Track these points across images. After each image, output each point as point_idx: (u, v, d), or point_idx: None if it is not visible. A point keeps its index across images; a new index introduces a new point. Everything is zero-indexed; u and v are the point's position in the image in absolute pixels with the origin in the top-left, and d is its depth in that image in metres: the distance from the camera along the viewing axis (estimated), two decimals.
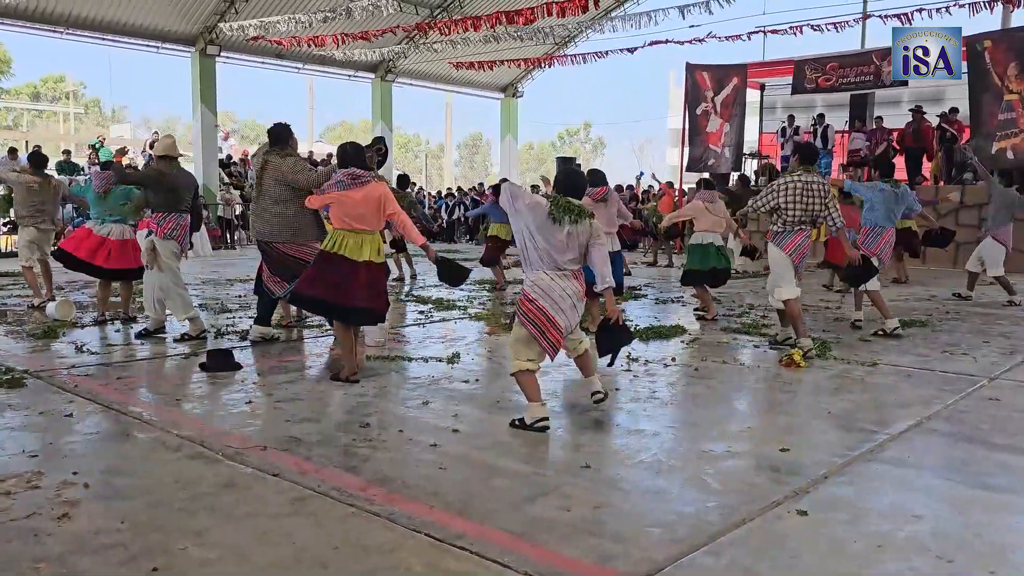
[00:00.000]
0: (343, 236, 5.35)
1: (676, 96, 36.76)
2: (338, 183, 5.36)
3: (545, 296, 4.32)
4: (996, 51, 14.35)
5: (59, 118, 49.10)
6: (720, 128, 18.61)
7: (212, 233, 18.83)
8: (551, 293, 4.32)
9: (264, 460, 3.77)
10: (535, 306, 4.33)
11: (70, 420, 4.43)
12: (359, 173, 5.38)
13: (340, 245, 5.34)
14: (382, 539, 2.94)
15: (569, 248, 4.34)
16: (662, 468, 3.77)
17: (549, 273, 4.34)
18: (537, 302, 4.32)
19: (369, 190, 5.36)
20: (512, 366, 4.45)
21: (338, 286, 5.30)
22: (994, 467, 3.84)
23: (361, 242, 5.35)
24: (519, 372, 4.41)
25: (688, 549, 2.88)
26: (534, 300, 4.34)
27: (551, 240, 4.30)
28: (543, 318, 4.31)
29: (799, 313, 6.43)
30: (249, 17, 18.96)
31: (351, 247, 5.33)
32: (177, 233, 6.74)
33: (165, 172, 6.73)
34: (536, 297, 4.33)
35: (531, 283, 4.37)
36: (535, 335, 4.34)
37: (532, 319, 4.33)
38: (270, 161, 6.37)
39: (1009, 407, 4.93)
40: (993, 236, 9.69)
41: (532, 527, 3.04)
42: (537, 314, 4.32)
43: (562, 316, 4.33)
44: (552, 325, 4.32)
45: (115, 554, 2.78)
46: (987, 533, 3.07)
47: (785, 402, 5.09)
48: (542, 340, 4.33)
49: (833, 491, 3.50)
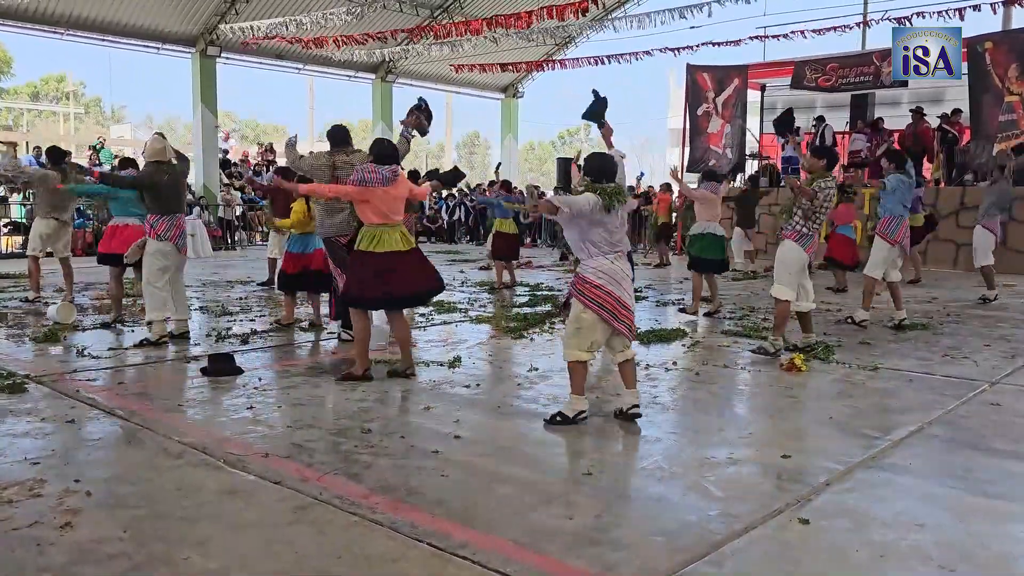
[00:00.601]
0: (385, 232, 5.41)
1: (676, 96, 36.74)
2: (383, 179, 5.37)
3: (611, 280, 4.47)
4: (997, 52, 14.34)
5: (59, 118, 49.09)
6: (721, 129, 18.61)
7: (212, 234, 18.82)
8: (615, 276, 4.48)
9: (266, 467, 3.77)
10: (603, 291, 4.45)
11: (72, 426, 4.43)
12: (397, 169, 5.53)
13: (385, 242, 5.40)
14: (385, 548, 2.94)
15: (620, 229, 4.56)
16: (664, 475, 3.78)
17: (609, 257, 4.50)
18: (604, 287, 4.46)
19: (402, 183, 5.54)
20: (567, 355, 4.55)
21: (387, 280, 5.38)
22: (996, 474, 3.84)
23: (400, 235, 5.49)
24: (575, 362, 4.52)
25: (690, 558, 2.88)
26: (600, 286, 4.46)
27: (608, 226, 4.49)
28: (612, 301, 4.45)
29: (787, 316, 6.53)
30: (250, 18, 18.95)
31: (390, 241, 5.41)
32: (171, 234, 6.70)
33: (155, 177, 6.70)
34: (602, 283, 4.46)
35: (593, 269, 4.49)
36: (608, 319, 4.46)
37: (603, 304, 4.45)
38: (338, 160, 6.62)
39: (1010, 412, 4.94)
40: (983, 225, 9.88)
41: (535, 536, 3.04)
42: (606, 298, 4.45)
43: (627, 296, 4.51)
44: (622, 306, 4.48)
45: (118, 564, 2.78)
46: (990, 542, 3.07)
47: (787, 407, 5.09)
48: (616, 323, 4.47)
49: (835, 499, 3.50)
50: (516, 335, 7.37)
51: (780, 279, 6.50)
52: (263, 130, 53.42)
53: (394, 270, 5.40)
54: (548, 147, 61.20)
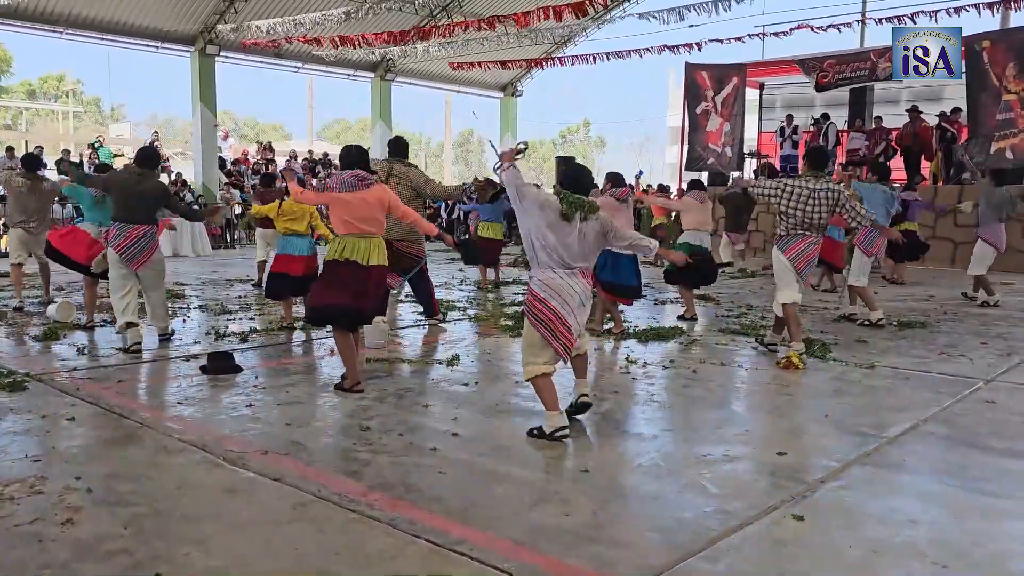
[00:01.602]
0: (352, 242, 5.25)
1: (676, 95, 36.77)
2: (343, 183, 5.26)
3: (555, 295, 4.26)
4: (995, 51, 14.36)
5: (58, 117, 49.08)
6: (720, 127, 18.63)
7: (212, 232, 18.83)
8: (561, 292, 4.26)
9: (265, 465, 3.80)
10: (545, 306, 4.26)
11: (72, 424, 4.45)
12: (364, 175, 5.33)
13: (351, 250, 5.24)
14: (383, 545, 2.97)
15: (580, 246, 4.29)
16: (660, 473, 3.80)
17: (558, 272, 4.29)
18: (547, 302, 4.26)
19: (374, 192, 5.32)
20: (526, 372, 4.37)
21: (357, 293, 5.22)
22: (991, 472, 3.87)
23: (369, 246, 5.28)
24: (535, 377, 4.33)
25: (686, 555, 2.91)
26: (543, 300, 4.27)
27: (562, 238, 4.25)
28: (553, 318, 4.25)
29: (796, 317, 6.44)
30: (249, 17, 18.96)
31: (361, 252, 5.25)
32: (116, 243, 6.42)
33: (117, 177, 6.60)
34: (546, 296, 4.27)
35: (540, 282, 4.30)
36: (546, 337, 4.27)
37: (543, 320, 4.26)
38: (396, 168, 7.33)
39: (1006, 410, 4.97)
40: (981, 237, 9.71)
41: (533, 533, 3.07)
42: (548, 314, 4.26)
43: (571, 316, 4.28)
44: (563, 324, 4.26)
45: (119, 561, 2.81)
46: (984, 539, 3.09)
47: (783, 405, 5.12)
48: (554, 342, 4.27)
49: (830, 495, 3.53)
50: (514, 334, 7.40)
51: (777, 284, 6.46)
52: (262, 129, 53.45)
53: (359, 283, 5.24)
54: (550, 146, 61.22)
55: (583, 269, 4.37)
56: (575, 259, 4.30)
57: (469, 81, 26.83)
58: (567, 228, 4.25)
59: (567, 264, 4.29)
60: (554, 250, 4.26)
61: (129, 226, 6.44)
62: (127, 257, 6.45)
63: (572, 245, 4.27)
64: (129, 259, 6.46)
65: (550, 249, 4.27)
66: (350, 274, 5.24)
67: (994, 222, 9.61)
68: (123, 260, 6.46)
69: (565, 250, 4.26)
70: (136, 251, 6.47)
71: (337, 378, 5.47)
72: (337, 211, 5.26)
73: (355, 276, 5.24)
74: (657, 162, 52.76)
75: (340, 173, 5.37)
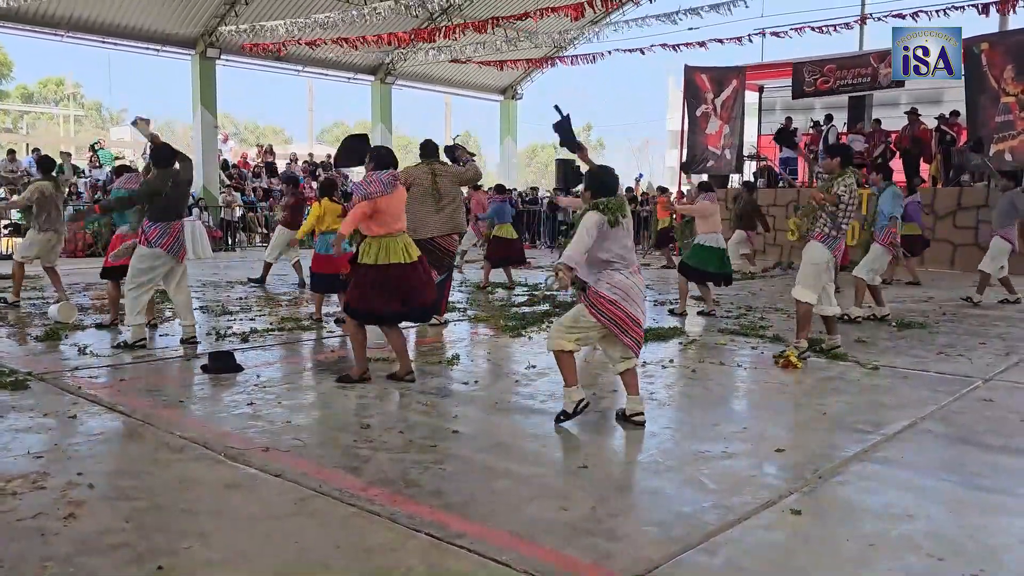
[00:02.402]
0: (389, 243, 5.27)
1: (675, 98, 36.80)
2: (384, 184, 5.23)
3: (625, 296, 4.39)
4: (993, 53, 14.39)
5: (59, 121, 49.15)
6: (720, 130, 18.67)
7: (213, 235, 18.86)
8: (629, 292, 4.41)
9: (266, 461, 3.82)
10: (617, 308, 4.37)
11: (74, 422, 4.48)
12: (396, 174, 5.42)
13: (390, 253, 5.26)
14: (384, 539, 2.99)
15: (628, 243, 4.49)
16: (659, 468, 3.82)
17: (624, 272, 4.42)
18: (619, 303, 4.37)
19: (401, 191, 5.44)
20: (552, 344, 4.49)
21: (409, 293, 5.30)
22: (987, 468, 3.89)
23: (406, 242, 5.38)
24: (560, 351, 4.47)
25: (684, 548, 2.93)
26: (615, 302, 4.37)
27: (619, 241, 4.42)
28: (626, 318, 4.38)
29: (810, 317, 6.42)
30: (249, 20, 19.01)
31: (399, 251, 5.30)
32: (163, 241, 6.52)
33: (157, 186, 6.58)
34: (617, 299, 4.37)
35: (608, 285, 4.39)
36: (616, 333, 4.39)
37: (615, 320, 4.38)
38: (436, 168, 7.65)
39: (1003, 408, 4.99)
40: (1001, 235, 9.85)
41: (531, 527, 3.09)
42: (620, 315, 4.38)
43: (638, 311, 4.44)
44: (634, 323, 4.41)
45: (121, 554, 2.83)
46: (980, 534, 3.11)
47: (781, 403, 5.14)
48: (624, 336, 4.40)
49: (828, 491, 3.55)
50: (514, 334, 7.42)
51: (803, 280, 6.39)
52: (262, 132, 53.50)
53: (404, 282, 5.29)
54: (551, 150, 61.27)
55: (638, 266, 4.57)
56: (630, 256, 4.49)
57: (469, 84, 26.90)
58: (619, 232, 4.41)
59: (627, 263, 4.46)
60: (618, 256, 4.42)
61: (171, 224, 6.61)
62: (174, 251, 6.63)
63: (628, 243, 4.48)
64: (175, 252, 6.64)
65: (614, 255, 4.41)
66: (400, 277, 5.28)
67: (1012, 225, 9.77)
68: (171, 255, 6.62)
69: (626, 252, 4.45)
70: (179, 245, 6.68)
71: (338, 375, 5.52)
72: (378, 216, 5.24)
73: (405, 278, 5.30)
74: (657, 165, 52.82)
75: (379, 174, 5.30)
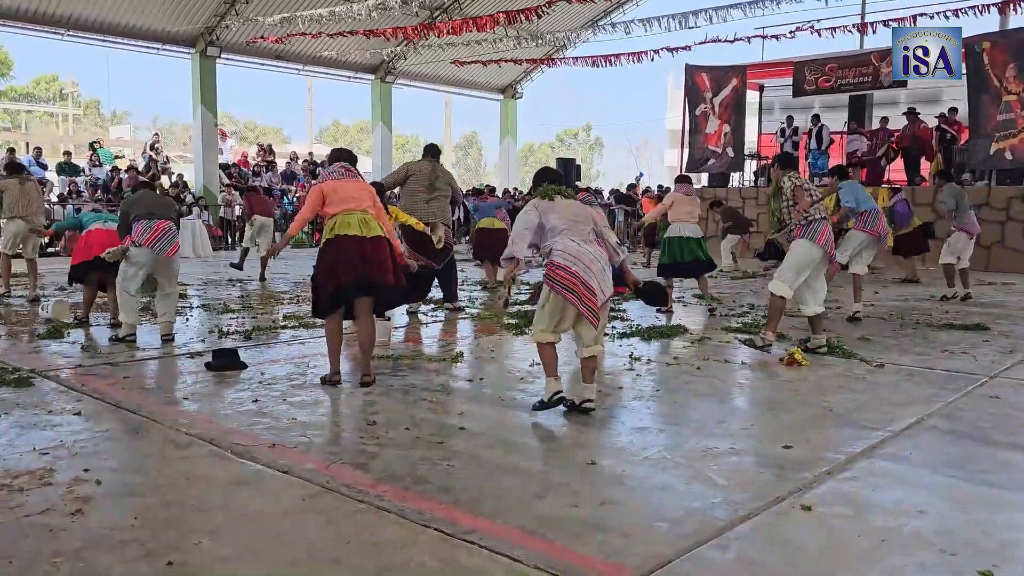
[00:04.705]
0: (342, 218, 5.13)
1: (675, 97, 36.82)
2: (332, 172, 5.41)
3: (576, 260, 4.41)
4: (995, 52, 14.40)
5: (57, 119, 49.07)
6: (719, 129, 18.67)
7: (213, 233, 18.85)
8: (581, 258, 4.42)
9: (273, 457, 3.81)
10: (567, 272, 4.40)
11: (79, 419, 4.46)
12: (351, 168, 5.46)
13: (345, 225, 5.10)
14: (393, 535, 2.98)
15: (580, 217, 4.57)
16: (667, 465, 3.81)
17: (575, 240, 4.48)
18: (568, 267, 4.40)
19: (362, 183, 5.44)
20: (533, 335, 4.62)
21: (364, 262, 5.04)
22: (995, 464, 3.88)
23: (365, 219, 5.16)
24: (540, 344, 4.57)
25: (695, 543, 2.92)
26: (564, 266, 4.41)
27: (560, 213, 4.54)
28: (576, 281, 4.38)
29: (779, 310, 6.44)
30: (249, 19, 18.99)
31: (357, 225, 5.11)
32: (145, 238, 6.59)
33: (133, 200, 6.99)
34: (566, 263, 4.41)
35: (559, 251, 4.46)
36: (572, 300, 4.40)
37: (567, 284, 4.39)
38: (438, 168, 8.64)
39: (1009, 405, 4.98)
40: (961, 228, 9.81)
41: (541, 523, 3.08)
42: (570, 279, 4.39)
43: (593, 279, 4.41)
44: (586, 287, 4.38)
45: (131, 550, 2.82)
46: (991, 529, 3.10)
47: (787, 400, 5.13)
48: (580, 305, 4.40)
49: (837, 487, 3.54)
50: (517, 331, 7.41)
51: (781, 274, 6.41)
52: (262, 131, 53.44)
53: (360, 253, 5.06)
54: (547, 149, 61.29)
55: (595, 239, 4.58)
56: (583, 226, 4.55)
57: (469, 83, 26.90)
58: (555, 205, 4.58)
59: (578, 232, 4.52)
60: (561, 227, 4.51)
61: (155, 220, 6.69)
62: (159, 247, 6.65)
63: (570, 214, 4.56)
64: (161, 249, 6.67)
65: (559, 228, 4.51)
66: (348, 248, 5.06)
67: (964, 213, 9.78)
68: (155, 251, 6.63)
69: (568, 221, 4.53)
70: (166, 242, 6.71)
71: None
72: (328, 198, 5.22)
73: (358, 247, 5.06)
74: (656, 164, 52.81)
75: (329, 168, 5.54)
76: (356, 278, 5.05)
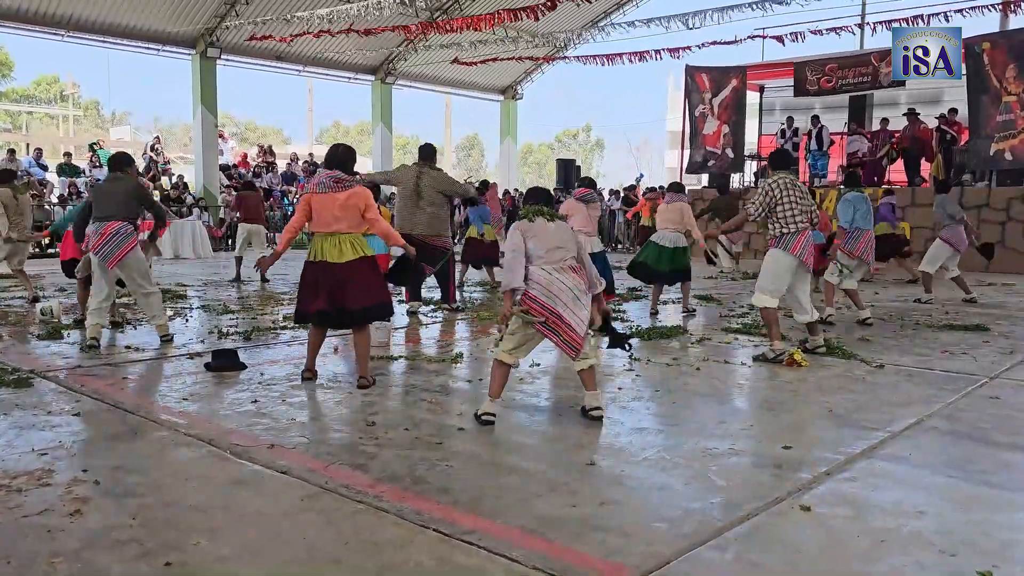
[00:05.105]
0: (319, 243, 5.20)
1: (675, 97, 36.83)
2: (319, 184, 5.21)
3: (547, 292, 4.35)
4: (995, 53, 14.40)
5: (58, 120, 49.08)
6: (717, 130, 18.67)
7: (213, 234, 18.86)
8: (551, 288, 4.35)
9: (272, 458, 3.80)
10: (541, 305, 4.35)
11: (77, 419, 4.46)
12: (341, 177, 5.21)
13: (319, 251, 5.19)
14: (392, 535, 2.97)
15: (560, 243, 4.47)
16: (666, 465, 3.81)
17: (546, 268, 4.40)
18: (539, 299, 4.35)
19: (347, 194, 5.18)
20: (496, 353, 4.59)
21: (332, 292, 5.14)
22: (995, 465, 3.88)
23: (339, 243, 5.16)
24: (496, 361, 4.54)
25: (694, 544, 2.91)
26: (535, 298, 4.36)
27: (539, 238, 4.45)
28: (548, 315, 4.32)
29: (776, 319, 6.31)
30: (249, 20, 19.00)
31: (330, 251, 5.16)
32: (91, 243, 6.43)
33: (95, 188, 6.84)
34: (536, 295, 4.36)
35: (532, 281, 4.40)
36: (551, 337, 4.36)
37: (545, 321, 4.34)
38: (425, 173, 8.18)
39: (1009, 406, 4.97)
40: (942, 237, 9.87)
41: (540, 523, 3.07)
42: (542, 312, 4.33)
43: (566, 310, 4.34)
44: (560, 320, 4.32)
45: (129, 550, 2.81)
46: (991, 530, 3.10)
47: (787, 401, 5.13)
48: (554, 336, 4.35)
49: (836, 487, 3.53)
50: None
51: (759, 287, 6.34)
52: (262, 132, 53.46)
53: (335, 282, 5.15)
54: (546, 149, 61.30)
55: (572, 265, 4.46)
56: (558, 253, 4.44)
57: (469, 84, 26.90)
58: (535, 228, 4.50)
59: (552, 260, 4.42)
60: (540, 252, 4.44)
61: (104, 223, 6.39)
62: (103, 255, 6.35)
63: (547, 240, 4.46)
64: (104, 257, 6.34)
65: (535, 255, 4.44)
66: (320, 276, 5.17)
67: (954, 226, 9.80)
68: (100, 260, 6.36)
69: (545, 247, 4.44)
70: (111, 248, 6.34)
71: (336, 375, 5.51)
72: (313, 211, 5.21)
73: (329, 276, 5.15)
74: (656, 165, 52.81)
75: (320, 173, 5.32)
76: (324, 308, 5.18)
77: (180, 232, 17.02)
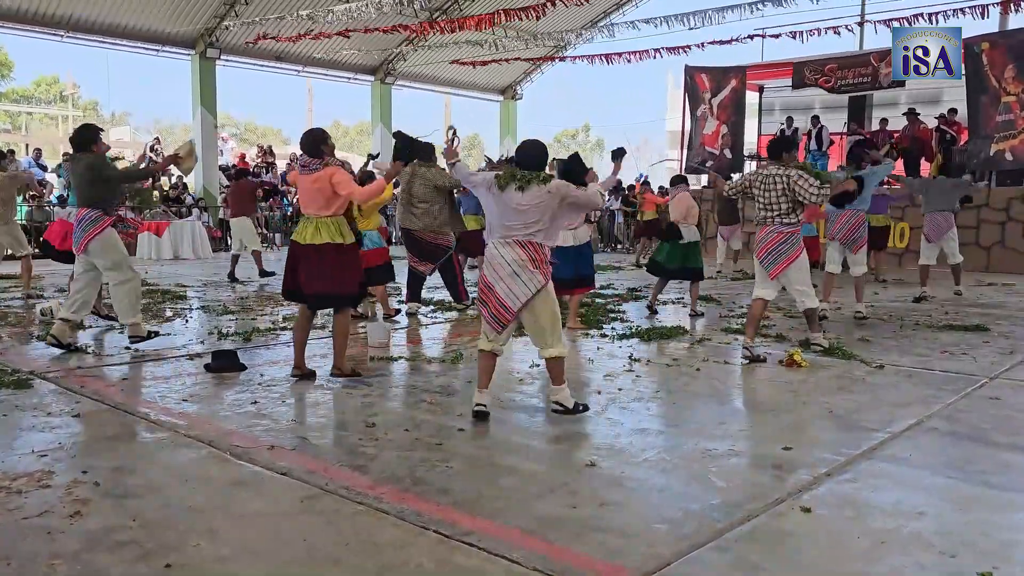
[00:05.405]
0: (301, 223, 5.39)
1: (675, 97, 36.79)
2: (302, 167, 5.39)
3: (487, 266, 4.42)
4: (994, 53, 14.39)
5: (57, 121, 49.06)
6: (716, 130, 18.67)
7: (212, 235, 18.84)
8: (492, 261, 4.40)
9: (272, 459, 3.80)
10: (483, 282, 4.43)
11: (78, 420, 4.46)
12: (308, 161, 5.31)
13: (298, 233, 5.35)
14: (392, 536, 2.97)
15: (517, 216, 4.38)
16: (666, 466, 3.81)
17: (496, 241, 4.43)
18: (483, 276, 4.44)
19: (319, 176, 5.23)
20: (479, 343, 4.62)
21: (295, 271, 5.32)
22: (995, 465, 3.87)
23: (316, 226, 5.23)
24: (479, 352, 4.56)
25: (694, 545, 2.91)
26: (483, 275, 4.45)
27: (501, 208, 4.41)
28: (484, 288, 4.41)
29: (757, 316, 6.35)
30: (249, 20, 18.99)
31: (301, 232, 5.30)
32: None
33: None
34: (483, 271, 4.46)
35: (484, 261, 4.48)
36: (482, 311, 4.43)
37: (481, 295, 4.43)
38: (418, 171, 8.06)
39: (1009, 406, 4.97)
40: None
41: (540, 524, 3.07)
42: (482, 287, 4.42)
43: (499, 283, 4.36)
44: (491, 292, 4.37)
45: (129, 551, 2.81)
46: (990, 530, 3.10)
47: (787, 402, 5.13)
48: (484, 310, 4.42)
49: (836, 488, 3.53)
50: (516, 333, 7.39)
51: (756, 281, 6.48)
52: (261, 132, 53.44)
53: (296, 262, 5.32)
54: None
55: (520, 240, 4.40)
56: (511, 228, 4.41)
57: (469, 84, 26.88)
58: (503, 197, 4.41)
59: (503, 235, 4.42)
60: (496, 223, 4.44)
61: (76, 210, 6.31)
62: (73, 241, 6.25)
63: (508, 214, 4.40)
64: (74, 243, 6.23)
65: (494, 225, 4.45)
66: (290, 254, 5.38)
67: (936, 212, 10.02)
68: (74, 246, 6.28)
69: (501, 219, 4.42)
70: (78, 233, 6.14)
71: (336, 375, 5.50)
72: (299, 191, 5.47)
73: (292, 255, 5.35)
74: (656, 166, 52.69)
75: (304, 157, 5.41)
76: (289, 287, 5.41)
77: (180, 232, 17.02)
